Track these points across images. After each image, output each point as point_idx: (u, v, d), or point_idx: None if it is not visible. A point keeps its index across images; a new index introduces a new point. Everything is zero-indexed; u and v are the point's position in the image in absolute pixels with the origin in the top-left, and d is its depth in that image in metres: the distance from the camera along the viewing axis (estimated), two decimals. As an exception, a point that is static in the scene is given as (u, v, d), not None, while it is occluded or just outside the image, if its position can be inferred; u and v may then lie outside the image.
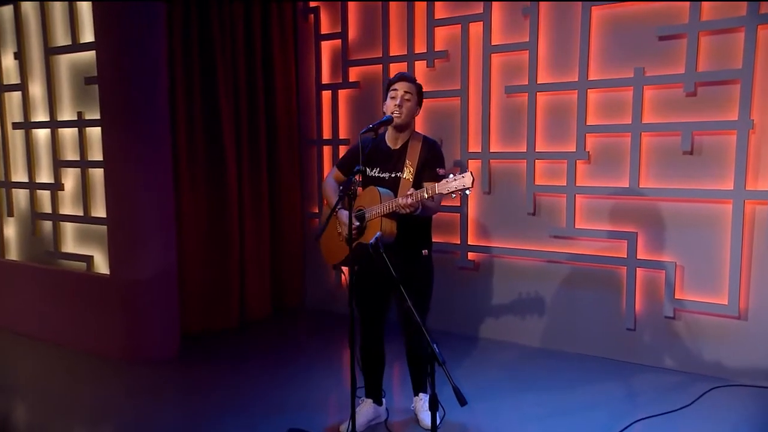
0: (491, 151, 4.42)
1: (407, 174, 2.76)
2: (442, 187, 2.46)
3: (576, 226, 4.13)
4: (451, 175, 2.46)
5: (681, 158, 3.76)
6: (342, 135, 5.13)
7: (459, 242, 4.56)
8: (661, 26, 3.78)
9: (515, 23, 4.26)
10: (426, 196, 2.51)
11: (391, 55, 4.79)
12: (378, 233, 2.48)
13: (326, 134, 5.21)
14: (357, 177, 2.52)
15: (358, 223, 2.71)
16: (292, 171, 5.21)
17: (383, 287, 2.84)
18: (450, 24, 4.50)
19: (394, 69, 4.82)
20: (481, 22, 4.37)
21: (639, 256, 3.93)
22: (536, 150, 4.24)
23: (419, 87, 2.84)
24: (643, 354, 3.98)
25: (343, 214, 2.80)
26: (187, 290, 4.54)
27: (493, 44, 4.35)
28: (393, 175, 2.81)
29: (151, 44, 3.94)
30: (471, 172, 2.45)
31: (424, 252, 2.85)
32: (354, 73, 5.04)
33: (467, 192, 2.42)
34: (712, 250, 3.71)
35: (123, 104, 3.93)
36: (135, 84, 3.92)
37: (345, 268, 2.84)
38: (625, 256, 3.96)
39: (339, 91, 5.07)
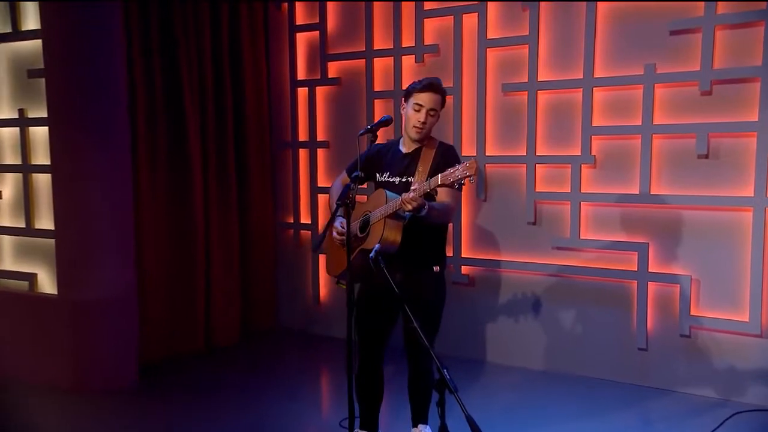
0: (487, 154, 4.35)
1: (418, 179, 2.74)
2: (444, 177, 2.44)
3: (581, 237, 4.07)
4: (457, 165, 2.45)
5: (696, 162, 3.72)
6: (320, 137, 5.02)
7: (452, 254, 4.46)
8: (673, 20, 3.75)
9: (513, 15, 4.20)
10: (428, 188, 2.48)
11: (375, 48, 4.69)
12: (377, 245, 2.46)
13: (302, 136, 5.09)
14: (355, 184, 2.49)
15: (355, 233, 2.73)
16: (264, 177, 5.10)
17: (387, 304, 2.76)
18: (441, 15, 4.43)
19: (379, 64, 4.72)
20: (476, 14, 4.30)
21: (651, 269, 3.88)
22: (537, 154, 4.18)
23: (445, 98, 2.81)
24: (657, 376, 3.92)
25: (340, 221, 2.82)
26: (147, 312, 4.36)
27: (489, 38, 4.28)
28: (404, 180, 2.79)
29: (108, 30, 3.74)
30: (474, 159, 2.44)
31: (436, 269, 2.80)
32: (333, 69, 4.93)
33: (472, 180, 2.38)
34: (731, 262, 3.67)
35: (74, 101, 3.71)
36: (89, 78, 3.71)
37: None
38: (636, 269, 3.90)
39: (317, 88, 4.97)
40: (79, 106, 3.69)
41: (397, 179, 2.83)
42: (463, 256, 4.46)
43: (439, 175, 2.46)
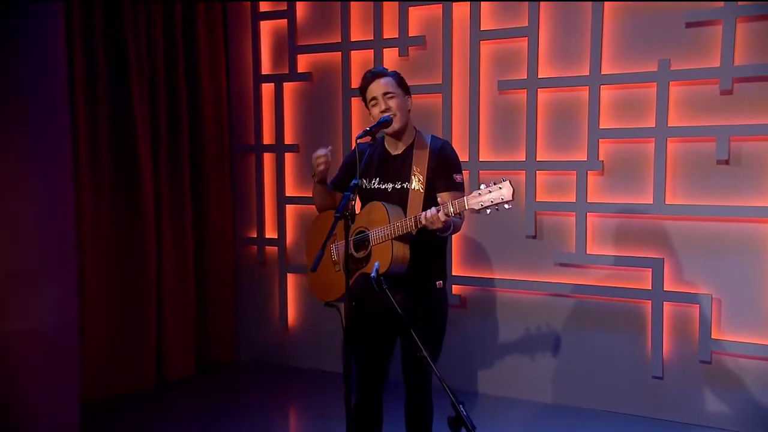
0: (481, 160, 4.23)
1: (416, 184, 2.69)
2: (473, 201, 2.45)
3: (588, 252, 3.98)
4: (483, 186, 2.44)
5: (716, 169, 3.67)
6: (288, 139, 4.82)
7: (441, 273, 4.27)
8: (690, 10, 3.67)
9: (510, 4, 4.10)
10: (452, 212, 2.48)
11: (352, 40, 4.52)
12: (376, 264, 2.42)
13: (267, 138, 4.89)
14: (354, 194, 2.47)
15: (353, 251, 2.70)
16: (222, 186, 4.93)
17: (387, 329, 2.75)
18: (428, 3, 4.28)
19: (357, 58, 4.54)
20: (468, 3, 4.17)
21: (666, 288, 3.80)
22: (537, 159, 4.09)
23: (397, 76, 2.76)
24: (674, 408, 3.83)
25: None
26: (88, 345, 4.08)
27: (482, 29, 4.15)
28: (398, 186, 2.74)
29: (42, 23, 3.43)
30: (509, 181, 2.42)
31: (438, 284, 2.77)
32: (304, 62, 4.74)
33: (507, 207, 2.40)
34: (756, 279, 3.60)
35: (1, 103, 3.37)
36: (19, 75, 3.39)
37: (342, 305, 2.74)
38: (650, 288, 3.83)
39: (284, 84, 4.77)
40: (8, 108, 3.38)
41: (390, 185, 2.76)
42: (453, 274, 4.31)
43: (466, 198, 2.46)
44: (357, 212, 2.74)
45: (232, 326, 5.06)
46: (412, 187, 2.71)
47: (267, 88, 4.88)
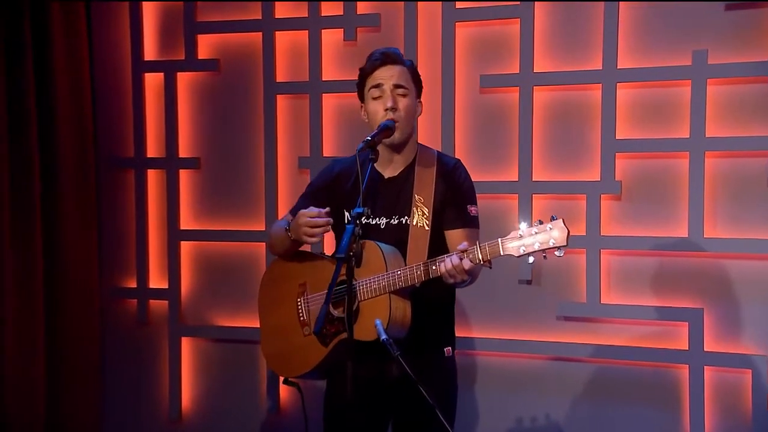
0: None
1: (419, 219, 2.60)
2: (511, 245, 2.35)
3: (602, 301, 3.69)
4: (524, 225, 2.37)
5: None
6: (185, 151, 4.36)
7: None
8: None
9: None
10: (480, 260, 2.37)
11: (278, 17, 4.13)
12: (378, 322, 2.32)
13: (153, 149, 4.42)
14: (359, 228, 2.31)
15: (327, 312, 2.49)
16: (84, 216, 4.50)
17: (377, 412, 2.66)
18: None
19: (284, 41, 4.17)
20: None
21: (708, 348, 3.52)
22: (534, 179, 3.81)
23: (414, 69, 2.67)
24: None
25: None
26: None
27: (459, 6, 3.87)
28: (394, 222, 2.64)
29: None
30: (562, 220, 2.35)
31: (447, 351, 2.70)
32: (207, 46, 4.31)
33: (558, 254, 2.32)
34: None
35: None
36: None
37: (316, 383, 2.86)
38: (686, 348, 3.55)
39: (178, 74, 4.33)
40: None
41: (384, 220, 2.62)
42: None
43: (502, 241, 2.35)
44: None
45: (95, 414, 4.54)
46: (414, 223, 2.57)
47: (153, 81, 4.41)
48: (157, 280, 4.36)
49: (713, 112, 3.50)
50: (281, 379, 2.80)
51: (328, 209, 2.53)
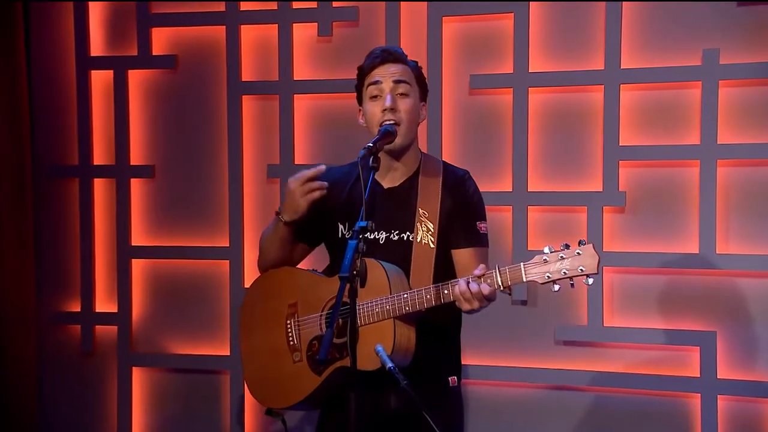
0: None
1: (423, 235, 2.52)
2: (535, 271, 2.29)
3: (605, 324, 3.61)
4: (549, 249, 2.26)
5: None
6: (137, 158, 4.24)
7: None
8: None
9: None
10: (500, 285, 2.29)
11: (243, 9, 4.04)
12: (379, 347, 2.21)
13: (101, 156, 4.28)
14: (362, 243, 2.18)
15: (320, 335, 2.53)
16: (19, 232, 4.32)
17: None
18: None
19: (250, 36, 4.07)
20: None
21: (721, 375, 3.45)
22: (529, 189, 3.73)
23: (418, 69, 2.62)
24: None
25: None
26: None
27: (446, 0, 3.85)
28: (395, 238, 2.56)
29: None
30: (592, 245, 2.25)
31: (452, 380, 2.62)
32: (164, 40, 4.20)
33: (587, 282, 2.22)
34: None
35: None
36: None
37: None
38: (698, 375, 3.48)
39: (129, 72, 4.21)
40: None
41: (383, 235, 2.57)
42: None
43: (525, 267, 2.30)
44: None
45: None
46: (418, 240, 2.51)
47: (100, 79, 4.24)
48: (104, 304, 4.19)
49: (726, 116, 3.45)
50: (264, 409, 2.65)
51: (323, 166, 2.47)
